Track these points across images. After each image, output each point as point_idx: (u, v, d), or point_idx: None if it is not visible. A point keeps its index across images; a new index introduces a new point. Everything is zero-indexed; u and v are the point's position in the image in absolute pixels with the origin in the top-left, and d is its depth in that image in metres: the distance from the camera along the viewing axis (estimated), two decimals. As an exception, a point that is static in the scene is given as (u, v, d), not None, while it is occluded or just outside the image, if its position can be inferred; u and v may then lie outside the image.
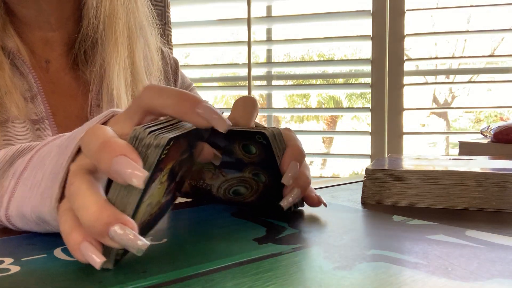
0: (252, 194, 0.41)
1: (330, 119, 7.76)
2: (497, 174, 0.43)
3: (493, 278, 0.25)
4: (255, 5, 1.59)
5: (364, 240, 0.32)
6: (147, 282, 0.25)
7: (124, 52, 0.57)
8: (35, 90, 0.54)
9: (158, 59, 0.65)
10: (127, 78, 0.58)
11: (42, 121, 0.54)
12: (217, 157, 0.37)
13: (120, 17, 0.57)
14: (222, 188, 0.42)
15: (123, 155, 0.25)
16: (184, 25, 1.69)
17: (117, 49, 0.56)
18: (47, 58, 0.58)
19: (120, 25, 0.57)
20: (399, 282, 0.24)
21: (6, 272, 0.26)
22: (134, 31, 0.59)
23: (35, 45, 0.58)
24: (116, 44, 0.56)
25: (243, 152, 0.38)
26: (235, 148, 0.38)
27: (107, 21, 0.56)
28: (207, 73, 1.99)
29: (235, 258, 0.28)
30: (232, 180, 0.41)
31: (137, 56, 0.59)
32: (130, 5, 0.59)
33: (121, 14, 0.57)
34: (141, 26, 0.61)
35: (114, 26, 0.56)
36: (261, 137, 0.36)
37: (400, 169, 0.46)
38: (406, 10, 1.47)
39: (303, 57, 7.62)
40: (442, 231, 0.35)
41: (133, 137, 0.27)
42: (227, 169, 0.40)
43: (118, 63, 0.56)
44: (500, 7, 1.47)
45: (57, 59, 0.59)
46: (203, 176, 0.42)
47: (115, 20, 0.56)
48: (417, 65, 1.80)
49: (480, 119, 7.03)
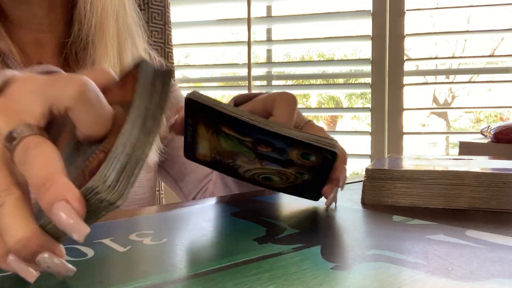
0: (284, 183, 0.41)
1: (330, 119, 7.76)
2: (497, 174, 0.43)
3: (493, 278, 0.25)
4: (255, 5, 1.59)
5: (364, 240, 0.32)
6: (147, 282, 0.25)
7: (113, 53, 0.60)
8: None
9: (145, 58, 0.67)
10: None
11: None
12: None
13: (110, 22, 0.59)
14: (253, 172, 0.41)
15: (67, 201, 0.22)
16: (184, 25, 1.69)
17: (107, 51, 0.59)
18: (39, 60, 0.60)
19: (111, 29, 0.59)
20: (399, 282, 0.24)
21: (7, 272, 0.26)
22: (123, 34, 0.61)
23: (27, 46, 0.59)
24: (106, 46, 0.59)
25: (300, 158, 0.38)
26: (292, 152, 0.37)
27: (98, 26, 0.58)
28: (207, 73, 1.99)
29: (235, 258, 0.28)
30: (270, 170, 0.40)
31: (125, 56, 0.62)
32: (120, 10, 0.61)
33: (112, 19, 0.60)
34: (129, 29, 0.63)
35: (104, 30, 0.59)
36: (329, 154, 0.36)
37: (400, 169, 0.46)
38: (406, 10, 1.47)
39: (303, 57, 7.61)
40: (442, 231, 0.35)
41: (89, 188, 0.23)
42: (270, 162, 0.39)
43: (107, 63, 0.59)
44: (500, 7, 1.47)
45: (49, 60, 0.60)
46: (235, 158, 0.41)
47: (106, 25, 0.59)
48: (417, 65, 1.80)
49: (480, 119, 7.03)
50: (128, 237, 0.33)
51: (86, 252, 0.30)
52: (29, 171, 0.24)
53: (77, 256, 0.29)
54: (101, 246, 0.31)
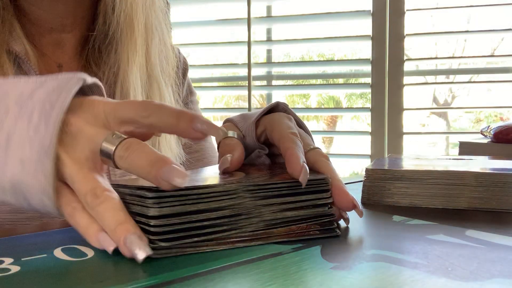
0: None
1: (330, 119, 7.76)
2: (497, 174, 0.43)
3: (493, 278, 0.25)
4: (255, 5, 1.59)
5: (364, 240, 0.32)
6: (147, 282, 0.25)
7: (142, 51, 0.54)
8: None
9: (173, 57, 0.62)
10: (143, 79, 0.55)
11: None
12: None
13: (139, 16, 0.54)
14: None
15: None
16: (184, 25, 1.69)
17: (136, 49, 0.53)
18: (59, 62, 0.55)
19: (140, 24, 0.54)
20: (399, 282, 0.24)
21: (6, 272, 0.26)
22: (151, 29, 0.56)
23: (46, 48, 0.55)
24: (135, 44, 0.53)
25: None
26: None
27: (127, 20, 0.53)
28: (207, 73, 1.99)
29: (235, 258, 0.28)
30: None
31: (153, 55, 0.56)
32: (149, 2, 0.56)
33: (141, 12, 0.54)
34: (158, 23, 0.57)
35: (133, 25, 0.53)
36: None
37: (400, 169, 0.46)
38: (406, 10, 1.47)
39: (303, 57, 7.61)
40: (442, 231, 0.35)
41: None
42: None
43: (135, 63, 0.54)
44: (500, 7, 1.47)
45: (69, 62, 0.56)
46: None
47: (135, 19, 0.53)
48: (417, 65, 1.80)
49: (480, 119, 7.02)
50: (128, 237, 0.33)
51: (86, 252, 0.30)
52: (136, 161, 0.30)
53: (77, 256, 0.29)
54: (101, 246, 0.31)
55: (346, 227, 0.36)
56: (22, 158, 0.30)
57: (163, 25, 0.59)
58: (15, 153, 0.30)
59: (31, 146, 0.30)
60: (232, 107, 5.57)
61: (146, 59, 0.55)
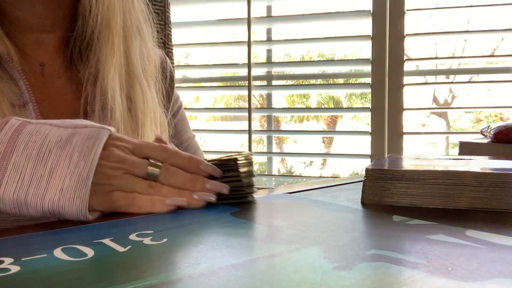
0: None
1: (330, 119, 7.76)
2: (497, 174, 0.43)
3: (493, 278, 0.25)
4: (255, 5, 1.59)
5: (364, 240, 0.32)
6: (147, 282, 0.25)
7: (120, 53, 0.56)
8: (26, 97, 0.52)
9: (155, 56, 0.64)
10: (122, 79, 0.56)
11: None
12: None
13: (117, 18, 0.55)
14: None
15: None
16: (184, 25, 1.69)
17: (113, 51, 0.55)
18: (41, 61, 0.56)
19: (117, 26, 0.55)
20: (399, 282, 0.24)
21: (6, 272, 0.26)
22: (131, 30, 0.57)
23: (28, 47, 0.56)
24: (113, 45, 0.55)
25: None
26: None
27: (104, 22, 0.54)
28: (207, 73, 1.99)
29: (235, 258, 0.28)
30: None
31: (133, 54, 0.58)
32: (127, 4, 0.57)
33: (118, 15, 0.55)
34: (137, 23, 0.59)
35: (111, 27, 0.55)
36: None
37: (400, 169, 0.46)
38: (406, 10, 1.47)
39: (303, 57, 7.62)
40: (442, 231, 0.35)
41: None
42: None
43: (113, 64, 0.55)
44: (500, 7, 1.47)
45: (51, 61, 0.57)
46: None
47: (112, 21, 0.55)
48: (417, 65, 1.80)
49: (480, 119, 7.03)
50: (128, 237, 0.33)
51: (86, 252, 0.30)
52: (178, 177, 0.43)
53: (77, 256, 0.29)
54: (101, 246, 0.31)
55: (346, 227, 0.36)
56: (62, 187, 0.37)
57: (143, 26, 0.60)
58: (56, 183, 0.37)
59: (71, 177, 0.37)
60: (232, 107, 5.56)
61: (126, 60, 0.57)
